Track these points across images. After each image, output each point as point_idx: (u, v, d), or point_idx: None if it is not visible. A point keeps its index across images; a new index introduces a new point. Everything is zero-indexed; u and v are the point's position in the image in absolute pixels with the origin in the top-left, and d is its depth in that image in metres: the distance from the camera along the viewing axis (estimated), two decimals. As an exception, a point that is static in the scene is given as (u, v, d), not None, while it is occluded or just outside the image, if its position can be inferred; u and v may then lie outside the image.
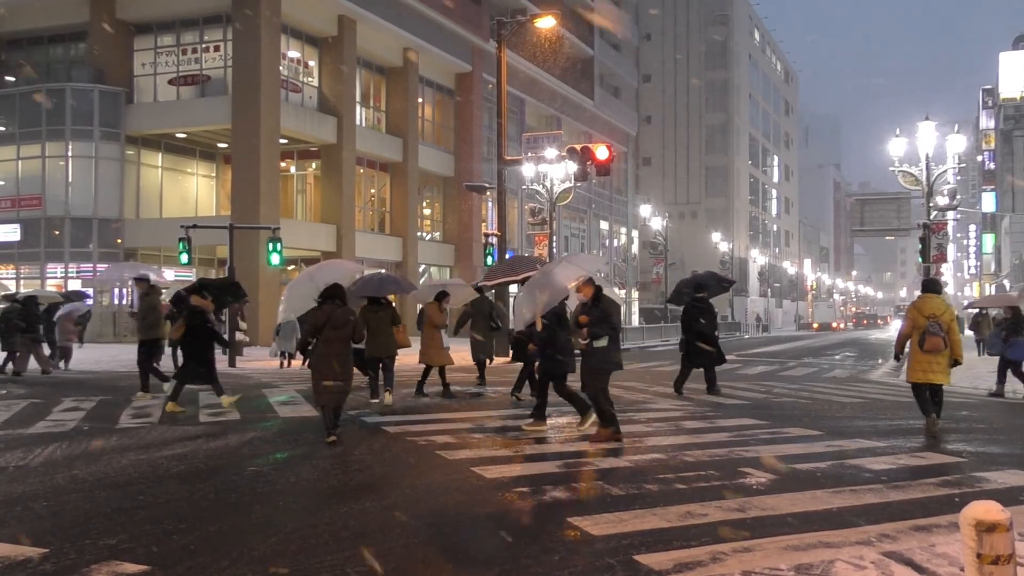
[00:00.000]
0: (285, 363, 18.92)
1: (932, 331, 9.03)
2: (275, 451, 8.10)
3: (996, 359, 14.39)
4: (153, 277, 12.96)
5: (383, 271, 26.75)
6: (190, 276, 31.59)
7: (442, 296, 13.04)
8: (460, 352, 14.25)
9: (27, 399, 12.20)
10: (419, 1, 34.66)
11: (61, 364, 17.75)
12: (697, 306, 13.44)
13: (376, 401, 11.58)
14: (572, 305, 10.24)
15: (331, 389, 8.36)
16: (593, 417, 8.91)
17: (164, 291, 24.59)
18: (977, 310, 26.82)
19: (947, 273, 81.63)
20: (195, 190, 34.00)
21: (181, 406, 10.59)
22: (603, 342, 8.39)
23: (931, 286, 9.76)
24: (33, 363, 17.08)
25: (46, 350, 17.61)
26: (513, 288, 19.00)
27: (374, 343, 11.39)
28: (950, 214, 27.84)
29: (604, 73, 55.66)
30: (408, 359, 19.89)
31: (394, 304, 12.81)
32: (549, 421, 9.35)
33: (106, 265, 28.91)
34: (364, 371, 11.88)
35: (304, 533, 5.02)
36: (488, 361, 14.88)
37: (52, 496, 5.98)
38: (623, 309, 48.41)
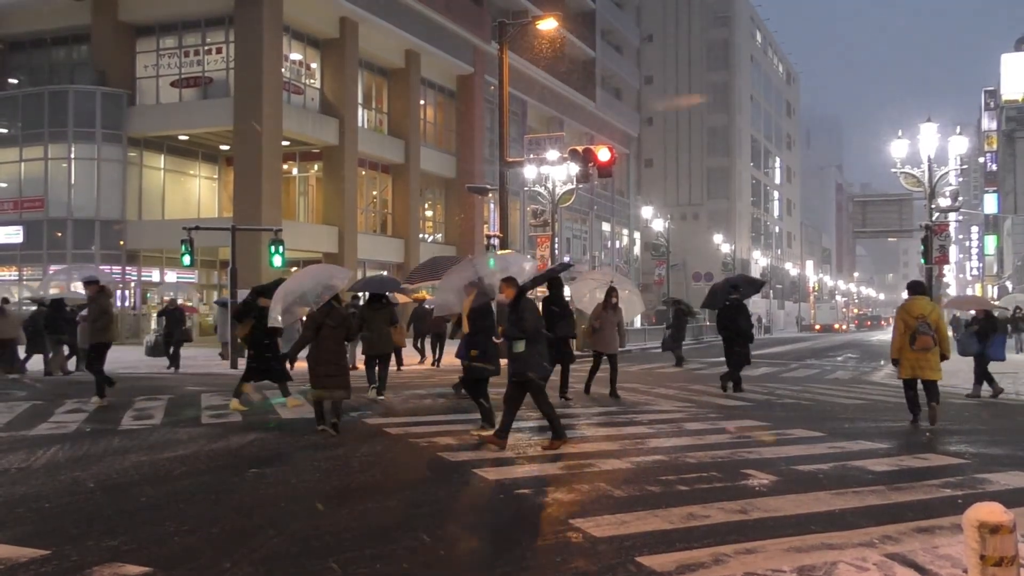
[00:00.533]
0: (288, 365, 18.96)
1: (922, 330, 9.53)
2: (277, 452, 8.09)
3: (998, 362, 14.30)
4: (103, 280, 12.89)
5: (384, 273, 26.67)
6: (192, 278, 31.69)
7: None
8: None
9: (29, 400, 12.23)
10: (420, 3, 34.68)
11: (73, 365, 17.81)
12: (734, 307, 13.81)
13: (381, 398, 11.99)
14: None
15: (329, 384, 8.79)
16: (489, 431, 8.64)
17: (168, 296, 24.46)
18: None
19: (949, 275, 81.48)
20: (197, 192, 34.04)
21: (243, 404, 11.07)
22: (520, 346, 7.94)
23: (916, 288, 10.19)
24: (36, 364, 17.15)
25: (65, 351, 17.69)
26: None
27: (371, 340, 12.13)
28: (952, 216, 27.74)
29: (606, 75, 55.67)
30: (408, 359, 19.99)
31: (397, 304, 13.28)
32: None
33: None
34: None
35: (306, 535, 5.02)
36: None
37: (54, 498, 5.99)
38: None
